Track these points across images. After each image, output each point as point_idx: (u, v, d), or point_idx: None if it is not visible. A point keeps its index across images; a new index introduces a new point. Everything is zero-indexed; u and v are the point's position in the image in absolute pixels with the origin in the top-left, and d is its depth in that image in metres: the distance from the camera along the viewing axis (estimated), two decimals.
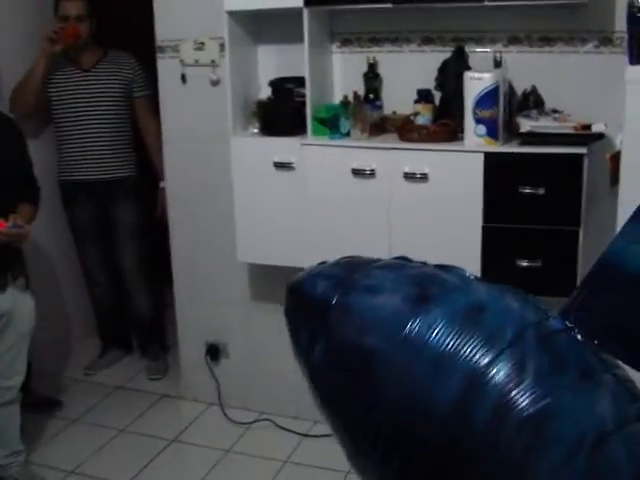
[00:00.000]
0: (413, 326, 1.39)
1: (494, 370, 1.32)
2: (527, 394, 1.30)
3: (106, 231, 4.38)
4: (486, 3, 3.00)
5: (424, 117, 3.28)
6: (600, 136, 2.97)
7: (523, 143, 3.03)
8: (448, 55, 3.30)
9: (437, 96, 3.34)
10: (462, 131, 3.08)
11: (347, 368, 1.47)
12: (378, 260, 1.66)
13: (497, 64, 3.22)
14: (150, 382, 4.43)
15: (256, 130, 3.51)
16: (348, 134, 3.24)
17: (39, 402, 4.03)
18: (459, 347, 1.35)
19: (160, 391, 4.31)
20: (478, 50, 3.33)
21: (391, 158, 3.12)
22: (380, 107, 3.42)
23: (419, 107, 3.31)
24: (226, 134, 3.50)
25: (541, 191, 2.93)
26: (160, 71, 3.92)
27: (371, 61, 3.44)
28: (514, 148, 3.02)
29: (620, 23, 2.99)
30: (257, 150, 3.44)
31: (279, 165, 3.36)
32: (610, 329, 1.39)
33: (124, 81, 4.21)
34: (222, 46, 3.55)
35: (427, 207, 3.08)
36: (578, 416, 1.31)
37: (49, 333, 4.44)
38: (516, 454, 1.30)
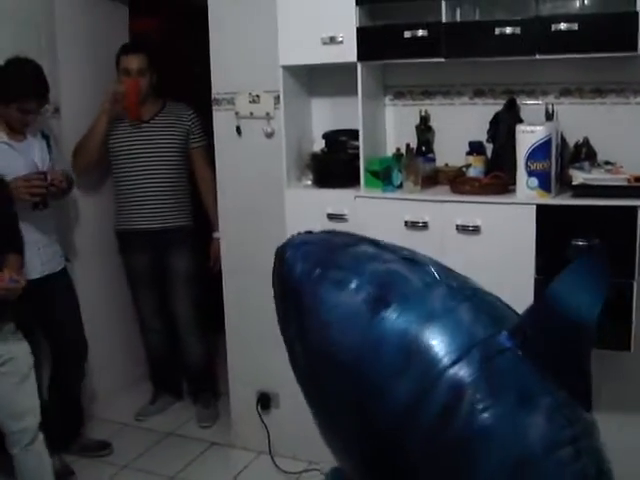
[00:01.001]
0: (368, 331, 1.49)
1: (437, 381, 1.42)
2: (464, 416, 1.39)
3: (161, 279, 4.45)
4: (537, 57, 3.03)
5: (476, 169, 3.31)
6: None
7: (576, 195, 3.03)
8: (500, 107, 3.34)
9: (489, 148, 3.37)
10: (514, 183, 3.09)
11: (313, 351, 1.61)
12: (355, 243, 1.78)
13: (549, 116, 3.25)
14: (200, 429, 4.45)
15: (310, 182, 3.57)
16: (401, 186, 3.28)
17: (89, 446, 4.07)
18: (408, 360, 1.45)
19: (210, 439, 4.33)
20: (530, 102, 3.36)
21: (443, 210, 3.14)
22: (432, 159, 3.46)
23: (471, 159, 3.34)
24: (280, 185, 3.56)
25: (594, 244, 2.92)
26: (216, 123, 4.01)
27: (423, 114, 3.49)
28: (567, 200, 3.02)
29: None
30: (311, 202, 3.49)
31: (332, 217, 3.40)
32: (547, 359, 1.49)
33: (182, 133, 4.31)
34: (276, 99, 3.63)
35: (479, 259, 3.07)
36: (508, 442, 1.38)
37: (102, 379, 4.53)
38: (448, 467, 1.40)
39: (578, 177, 3.02)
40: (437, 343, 1.46)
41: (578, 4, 3.17)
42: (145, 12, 5.26)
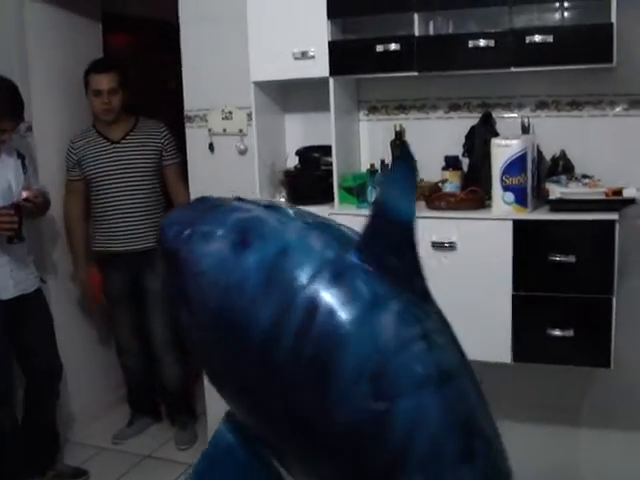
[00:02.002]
0: (233, 273, 1.64)
1: (294, 302, 1.55)
2: (319, 328, 1.53)
3: (138, 300, 4.37)
4: (512, 69, 2.99)
5: (452, 184, 3.26)
6: (632, 201, 2.92)
7: (553, 210, 2.98)
8: (475, 121, 3.29)
9: (465, 163, 3.32)
10: (490, 198, 3.04)
11: (195, 307, 1.74)
12: (223, 202, 1.86)
13: (525, 129, 3.21)
14: (178, 451, 4.36)
15: (283, 199, 3.51)
16: None
17: (65, 473, 3.98)
18: (266, 285, 1.59)
19: (188, 460, 4.23)
20: (506, 116, 3.32)
21: (419, 227, 3.07)
22: None
23: (447, 174, 3.29)
24: None
25: (572, 258, 2.87)
26: (188, 140, 3.96)
27: (398, 129, 3.44)
28: (544, 215, 2.98)
29: None
30: None
31: None
32: (389, 266, 1.64)
33: (155, 151, 4.23)
34: (249, 115, 3.59)
35: (456, 276, 3.02)
36: (362, 346, 1.53)
37: (78, 402, 4.45)
38: (311, 376, 1.54)
39: (555, 191, 2.98)
40: (292, 269, 1.60)
41: (553, 16, 3.14)
42: (119, 28, 5.20)
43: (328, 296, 1.56)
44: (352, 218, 3.16)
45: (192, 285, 1.73)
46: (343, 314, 1.55)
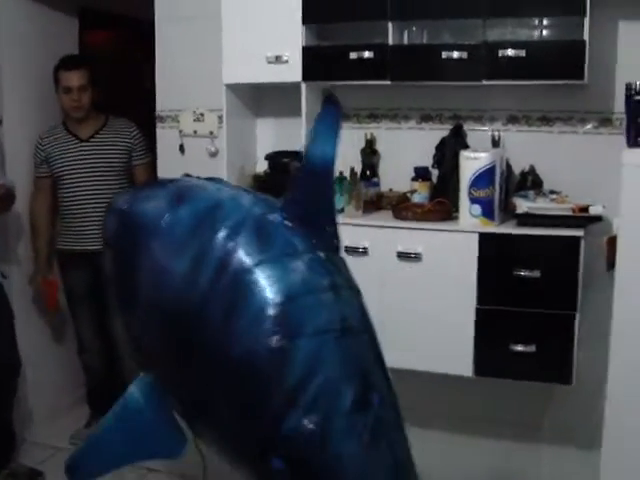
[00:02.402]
0: (166, 218, 1.81)
1: (216, 245, 1.70)
2: (233, 270, 1.68)
3: (100, 299, 4.32)
4: (484, 82, 2.99)
5: (421, 195, 3.25)
6: (598, 218, 2.92)
7: (520, 224, 2.98)
8: (447, 133, 3.28)
9: (435, 174, 3.31)
10: (458, 210, 3.03)
11: (128, 249, 1.93)
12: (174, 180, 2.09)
13: (495, 143, 3.21)
14: None
15: None
16: (342, 211, 3.20)
17: (20, 473, 3.92)
18: (193, 233, 1.75)
19: (147, 464, 4.19)
20: (477, 128, 3.32)
21: (385, 237, 3.08)
22: (377, 184, 3.39)
23: (416, 185, 3.29)
24: None
25: (537, 273, 2.87)
26: (159, 140, 3.92)
27: (369, 137, 3.43)
28: (510, 229, 2.98)
29: (619, 104, 2.99)
30: None
31: None
32: (308, 218, 1.79)
33: (124, 150, 4.18)
34: (221, 118, 3.55)
35: (420, 287, 3.02)
36: (268, 282, 1.66)
37: (36, 401, 4.38)
38: (219, 311, 1.68)
39: (522, 206, 2.98)
40: (220, 220, 1.75)
41: (526, 31, 3.14)
42: (96, 24, 5.15)
43: (246, 243, 1.70)
44: None
45: (133, 235, 1.91)
46: (256, 259, 1.68)
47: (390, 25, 3.08)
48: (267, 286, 1.67)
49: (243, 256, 1.69)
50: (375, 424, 1.66)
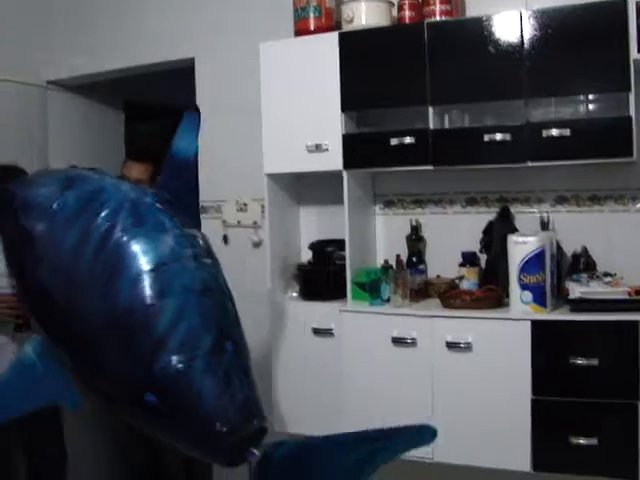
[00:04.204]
0: (58, 201, 2.08)
1: (99, 222, 2.00)
2: (114, 242, 1.98)
3: None
4: (529, 164, 2.91)
5: (469, 281, 3.16)
6: None
7: (573, 310, 2.86)
8: (493, 216, 3.21)
9: (483, 259, 3.22)
10: (508, 296, 2.93)
11: (22, 230, 2.15)
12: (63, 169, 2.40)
13: (544, 225, 3.12)
14: None
15: (295, 294, 3.43)
16: (389, 300, 3.12)
17: None
18: (80, 212, 2.04)
19: None
20: (524, 210, 3.23)
21: (433, 326, 2.98)
22: (423, 271, 3.31)
23: (464, 271, 3.20)
24: (266, 296, 3.43)
25: (594, 361, 2.74)
26: (202, 231, 3.88)
27: (414, 223, 3.36)
28: (564, 315, 2.86)
29: None
30: (296, 315, 3.35)
31: (318, 331, 3.26)
32: (176, 201, 2.13)
33: None
34: (264, 207, 3.51)
35: (472, 378, 2.91)
36: (142, 251, 1.98)
37: None
38: (104, 277, 1.97)
39: (575, 290, 2.86)
40: (102, 202, 2.04)
41: (569, 109, 3.07)
42: (142, 118, 5.22)
43: (124, 221, 2.02)
44: (363, 316, 3.12)
45: (25, 217, 2.17)
46: (132, 233, 2.00)
47: (430, 109, 3.04)
48: (141, 255, 2.01)
49: (121, 231, 2.02)
50: (228, 366, 1.98)
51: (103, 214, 2.04)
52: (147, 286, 1.99)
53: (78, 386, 2.23)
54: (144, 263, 2.00)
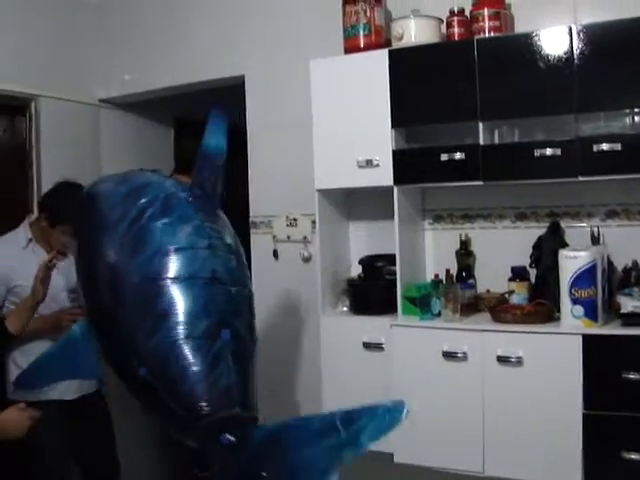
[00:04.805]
0: (112, 192, 2.43)
1: (135, 207, 2.30)
2: (144, 223, 2.26)
3: None
4: (580, 179, 2.91)
5: (519, 296, 3.16)
6: None
7: (625, 324, 2.85)
8: (543, 231, 3.21)
9: (532, 274, 3.22)
10: (559, 311, 2.93)
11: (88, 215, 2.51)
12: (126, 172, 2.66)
13: (595, 240, 3.11)
14: None
15: (346, 308, 3.46)
16: (439, 314, 3.14)
17: None
18: (126, 198, 2.35)
19: None
20: (574, 225, 3.23)
21: (484, 340, 2.99)
22: (473, 286, 3.32)
23: (514, 285, 3.20)
24: (316, 311, 3.46)
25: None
26: (253, 246, 3.95)
27: (463, 238, 3.38)
28: (615, 330, 2.85)
29: None
30: (346, 329, 3.37)
31: (368, 345, 3.27)
32: (208, 197, 2.44)
33: None
34: (314, 222, 3.56)
35: (523, 393, 2.90)
36: (161, 236, 2.23)
37: None
38: (128, 251, 2.25)
39: (627, 305, 2.85)
40: (143, 193, 2.34)
41: (620, 123, 3.06)
42: (191, 134, 5.28)
43: (155, 209, 2.28)
44: (414, 330, 3.14)
45: (88, 207, 2.51)
46: (160, 219, 2.26)
47: (480, 125, 3.06)
48: (160, 239, 2.23)
49: (150, 216, 2.27)
50: (219, 352, 2.10)
51: (142, 201, 2.32)
52: (158, 267, 2.20)
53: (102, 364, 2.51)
54: (160, 246, 2.23)
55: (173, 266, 2.18)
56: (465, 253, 3.37)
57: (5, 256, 3.45)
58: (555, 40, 2.94)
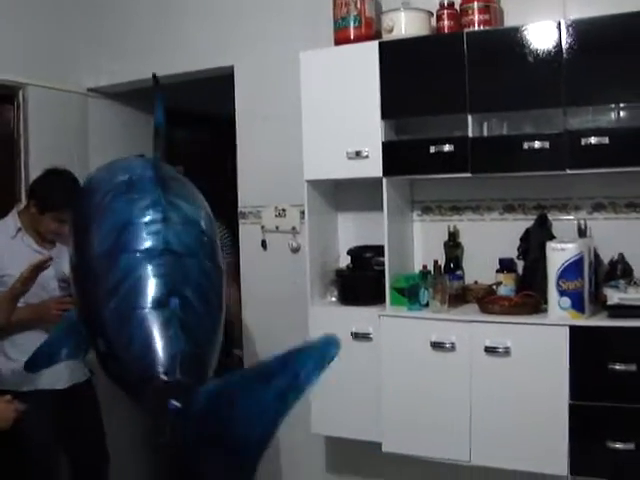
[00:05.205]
0: (97, 177, 2.49)
1: (107, 186, 2.36)
2: (108, 197, 2.30)
3: None
4: (568, 172, 2.94)
5: (506, 287, 3.19)
6: None
7: (611, 316, 2.88)
8: (531, 223, 3.24)
9: (520, 265, 3.25)
10: (546, 303, 2.96)
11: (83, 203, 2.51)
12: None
13: (582, 232, 3.14)
14: None
15: (334, 299, 3.47)
16: (427, 305, 3.16)
17: None
18: (107, 181, 2.38)
19: None
20: (562, 218, 3.26)
21: (472, 331, 3.01)
22: (461, 277, 3.35)
23: (501, 277, 3.23)
24: (304, 301, 3.47)
25: (633, 367, 2.76)
26: (241, 236, 3.97)
27: (452, 229, 3.40)
28: (602, 321, 2.88)
29: None
30: (335, 319, 3.37)
31: (357, 335, 3.29)
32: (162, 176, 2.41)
33: None
34: (303, 213, 3.57)
35: (510, 382, 2.94)
36: (118, 211, 2.26)
37: None
38: (93, 227, 2.30)
39: (613, 297, 2.88)
40: (121, 174, 2.39)
41: (608, 117, 3.09)
42: (175, 123, 5.28)
43: (119, 189, 2.31)
44: (402, 320, 3.16)
45: (82, 194, 2.55)
46: (121, 198, 2.28)
47: (470, 118, 3.08)
48: (116, 214, 2.29)
49: (113, 196, 2.32)
50: (167, 320, 2.11)
51: (111, 184, 2.42)
52: (111, 242, 2.28)
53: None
54: (115, 221, 2.31)
55: (126, 240, 2.27)
56: (453, 245, 3.39)
57: None
58: (544, 34, 2.96)
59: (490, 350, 2.96)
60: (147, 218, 2.29)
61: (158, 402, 2.06)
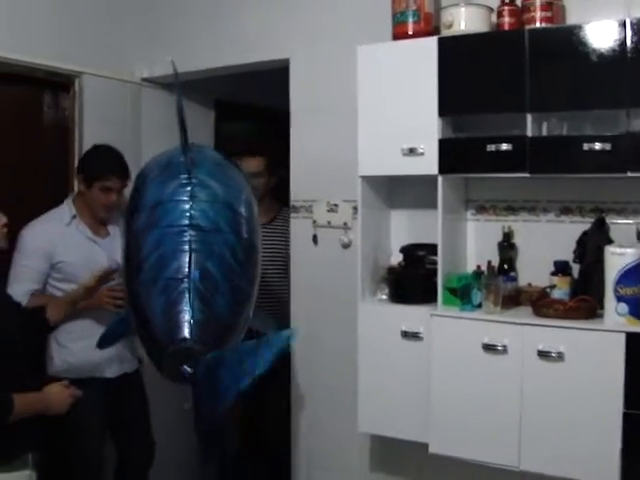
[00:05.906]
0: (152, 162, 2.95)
1: (147, 168, 2.90)
2: (147, 177, 2.79)
3: None
4: (629, 174, 2.87)
5: (561, 291, 3.12)
6: None
7: None
8: (588, 226, 3.17)
9: (575, 269, 3.18)
10: (602, 308, 2.90)
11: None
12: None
13: None
14: None
15: (385, 296, 3.44)
16: (480, 306, 3.11)
17: None
18: (160, 169, 2.78)
19: None
20: (620, 222, 3.18)
21: (525, 334, 2.96)
22: (514, 279, 3.29)
23: (556, 280, 3.16)
24: (354, 298, 3.44)
25: None
26: (293, 230, 3.95)
27: (506, 230, 3.35)
28: None
29: None
30: (385, 318, 3.35)
31: (407, 334, 3.25)
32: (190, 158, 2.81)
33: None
34: (355, 209, 3.55)
35: (562, 389, 2.88)
36: (150, 193, 2.66)
37: None
38: (136, 206, 2.72)
39: None
40: (158, 164, 2.85)
41: None
42: (232, 116, 5.29)
43: (155, 173, 2.74)
44: (454, 321, 3.12)
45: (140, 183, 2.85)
46: (152, 177, 2.71)
47: (529, 117, 3.02)
48: (149, 193, 2.61)
49: (150, 180, 2.68)
50: (185, 290, 2.35)
51: (155, 167, 2.78)
52: (145, 218, 2.56)
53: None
54: (147, 200, 2.60)
55: (156, 217, 2.52)
56: (507, 245, 3.33)
57: (48, 233, 3.49)
58: (608, 33, 2.88)
59: (543, 354, 2.91)
60: (176, 197, 2.54)
61: (172, 367, 2.35)
